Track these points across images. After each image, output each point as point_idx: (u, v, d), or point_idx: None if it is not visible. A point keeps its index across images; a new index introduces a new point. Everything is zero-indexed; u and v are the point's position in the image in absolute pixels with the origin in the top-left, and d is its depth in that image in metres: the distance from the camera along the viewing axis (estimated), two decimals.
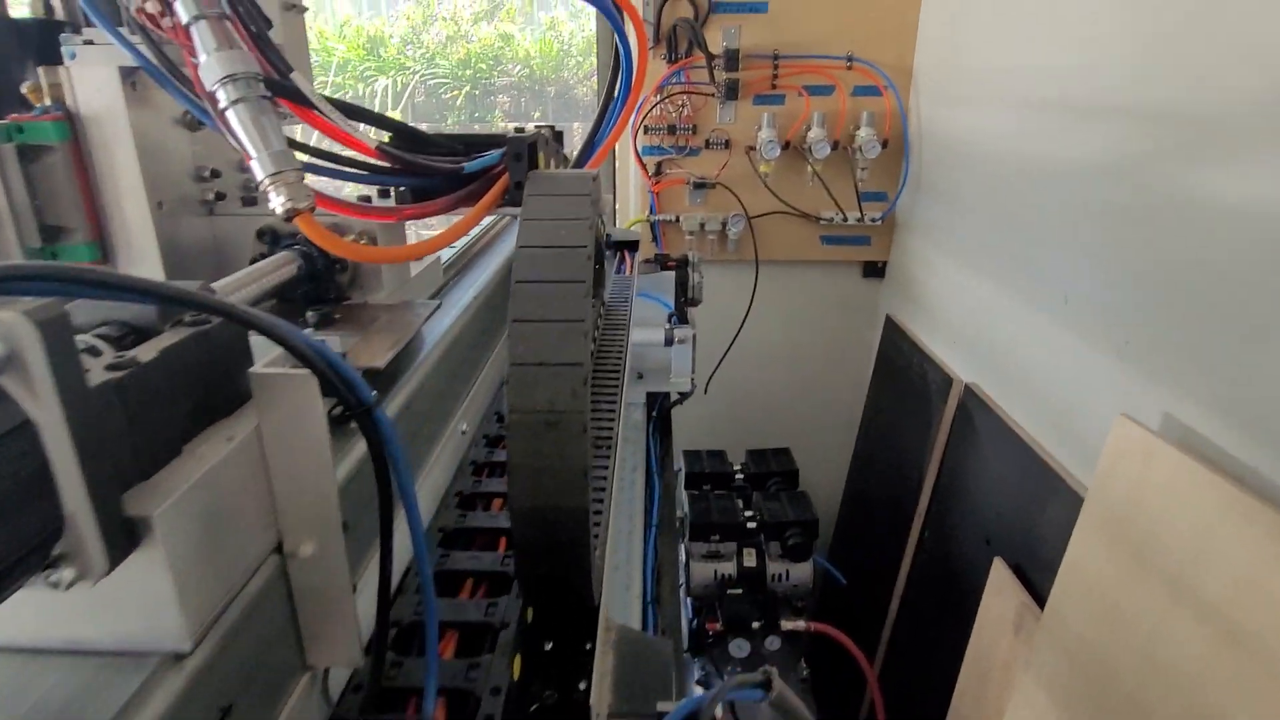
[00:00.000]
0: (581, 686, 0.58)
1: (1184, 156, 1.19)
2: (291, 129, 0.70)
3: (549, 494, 0.52)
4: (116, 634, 0.39)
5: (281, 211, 0.52)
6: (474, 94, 8.94)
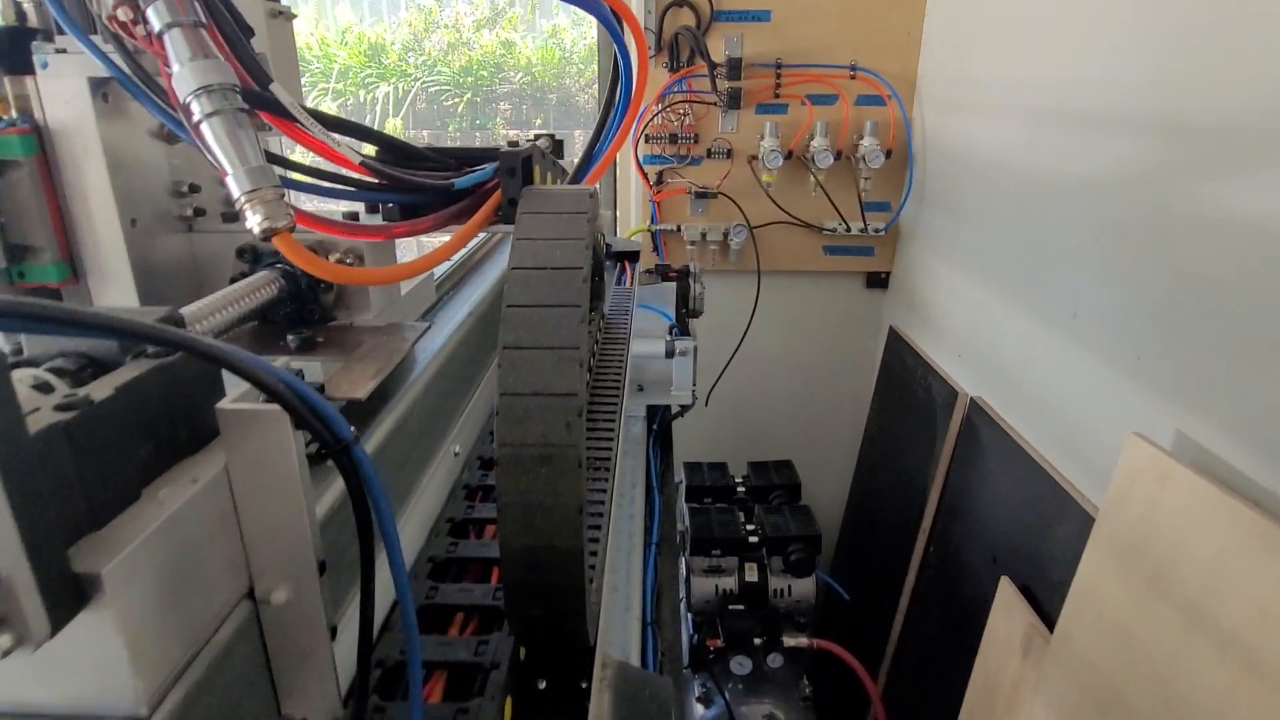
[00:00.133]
0: None
1: (1197, 169, 1.16)
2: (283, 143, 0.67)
3: (541, 533, 0.49)
4: (67, 698, 0.35)
5: (258, 231, 0.49)
6: (475, 101, 8.95)
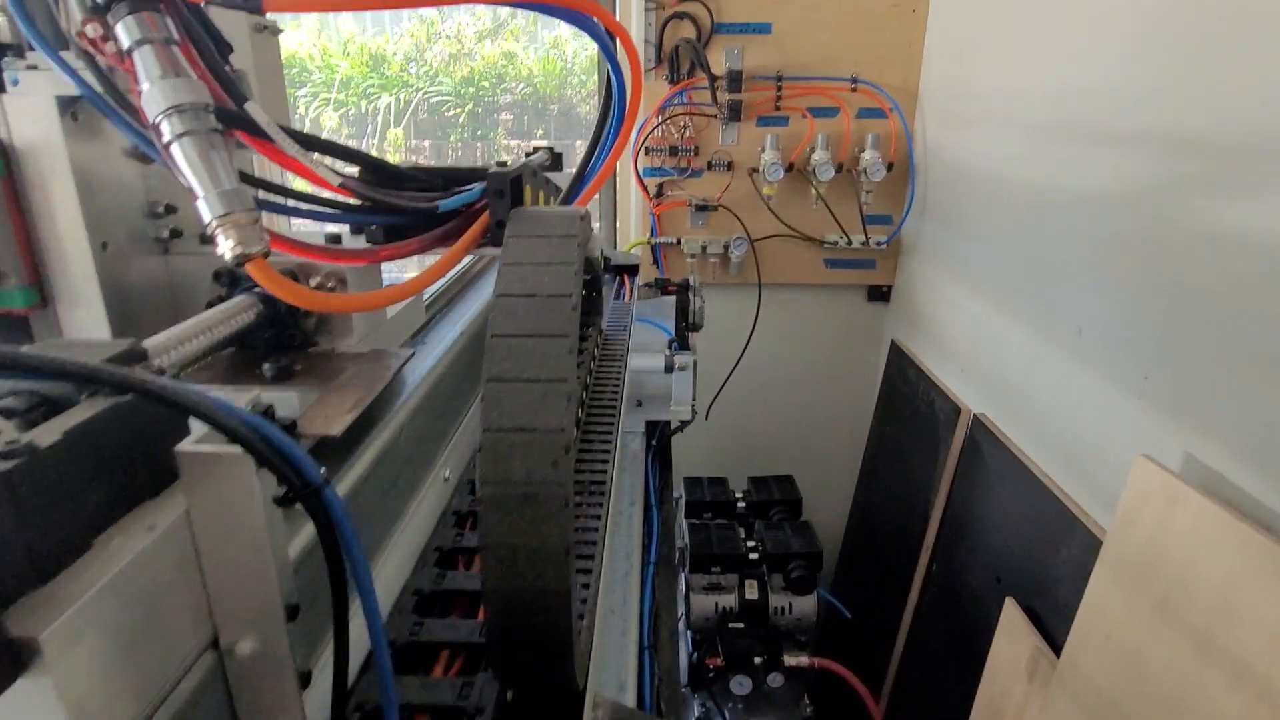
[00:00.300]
0: None
1: (1203, 183, 1.14)
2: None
3: (526, 576, 0.46)
4: None
5: (230, 258, 0.46)
6: (477, 112, 8.95)
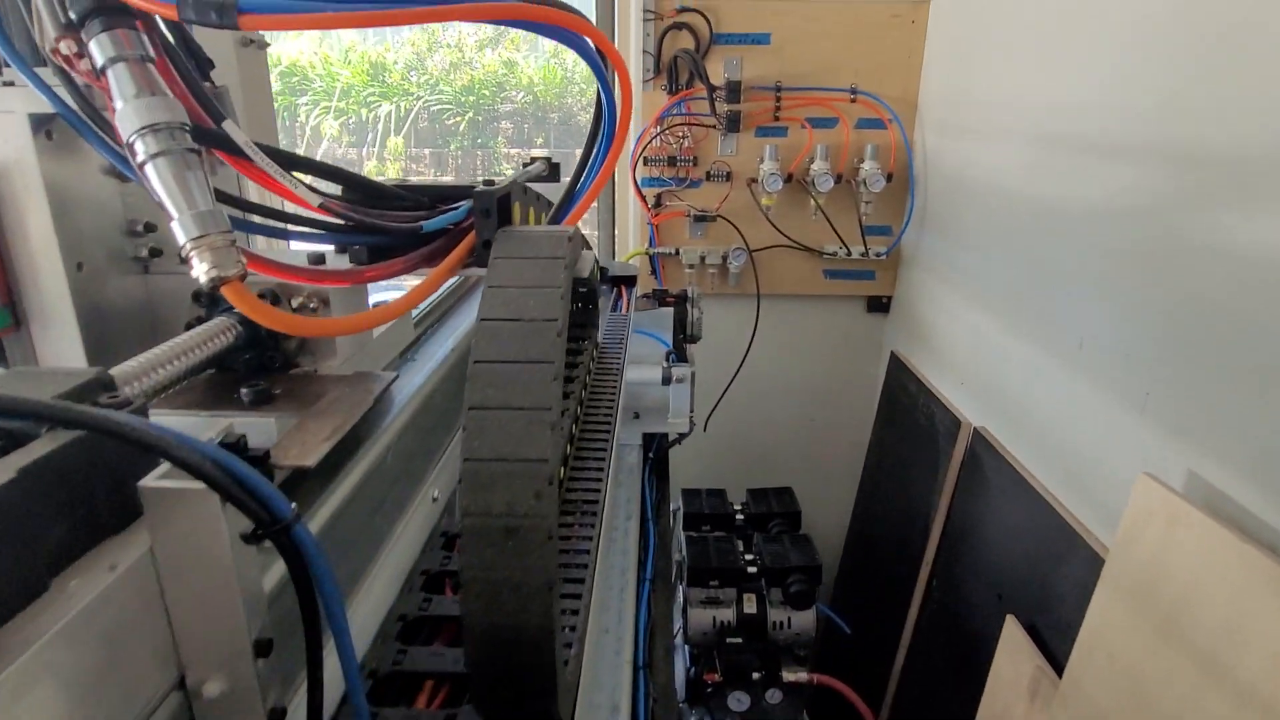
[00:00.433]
0: None
1: (1208, 197, 1.12)
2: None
3: (508, 611, 0.45)
4: None
5: (205, 281, 0.45)
6: (477, 120, 8.97)
